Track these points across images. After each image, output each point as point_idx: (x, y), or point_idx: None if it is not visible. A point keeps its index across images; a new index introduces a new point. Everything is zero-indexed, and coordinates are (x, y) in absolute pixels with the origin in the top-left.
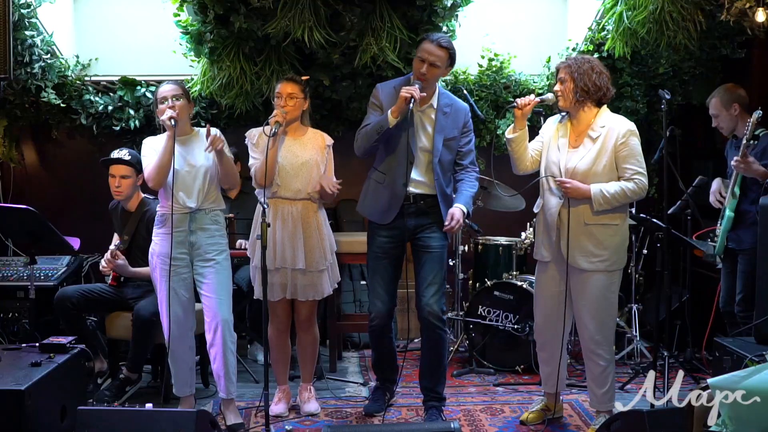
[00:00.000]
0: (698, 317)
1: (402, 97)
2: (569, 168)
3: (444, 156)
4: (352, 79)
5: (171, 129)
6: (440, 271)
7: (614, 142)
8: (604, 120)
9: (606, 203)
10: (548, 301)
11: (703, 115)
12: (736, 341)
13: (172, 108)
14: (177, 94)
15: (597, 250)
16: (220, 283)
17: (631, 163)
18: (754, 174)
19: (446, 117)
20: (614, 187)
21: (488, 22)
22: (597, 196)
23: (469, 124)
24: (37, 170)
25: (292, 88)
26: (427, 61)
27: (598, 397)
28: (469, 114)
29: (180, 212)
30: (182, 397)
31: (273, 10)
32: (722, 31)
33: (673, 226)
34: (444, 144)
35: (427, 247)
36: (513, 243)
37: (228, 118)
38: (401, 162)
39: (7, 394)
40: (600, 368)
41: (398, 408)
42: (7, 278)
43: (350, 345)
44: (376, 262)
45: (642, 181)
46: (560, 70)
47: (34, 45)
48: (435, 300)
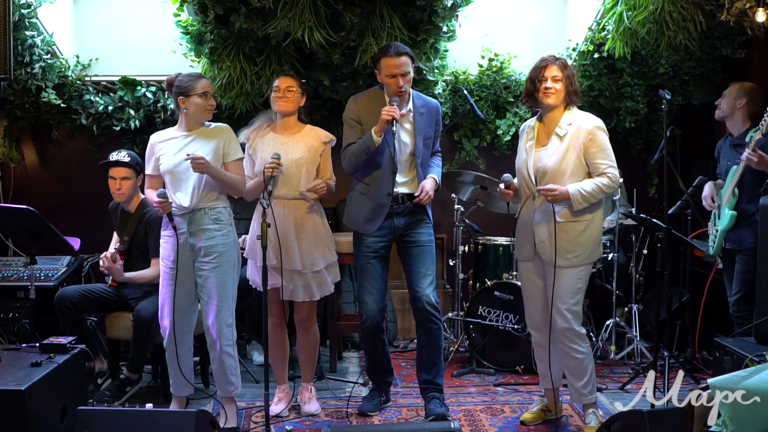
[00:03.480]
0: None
1: (383, 118)
2: (539, 167)
3: (424, 154)
4: (352, 79)
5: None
6: (431, 262)
7: (582, 140)
8: (570, 117)
9: (585, 201)
10: (535, 298)
11: (703, 115)
12: (736, 341)
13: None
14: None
15: (570, 246)
16: (221, 283)
17: (602, 157)
18: (766, 167)
19: (423, 117)
20: (590, 185)
21: (488, 22)
22: (576, 196)
23: (440, 119)
24: (37, 170)
25: (290, 81)
26: (399, 74)
27: (577, 390)
28: (440, 108)
29: (178, 213)
30: (175, 396)
31: (273, 10)
32: (722, 31)
33: (673, 226)
34: (423, 143)
35: (417, 242)
36: (513, 243)
37: (228, 119)
38: (386, 173)
39: (7, 394)
40: (576, 361)
41: (398, 408)
42: (7, 278)
43: (350, 345)
44: (364, 262)
45: (614, 174)
46: (554, 67)
47: (35, 45)
48: (431, 291)
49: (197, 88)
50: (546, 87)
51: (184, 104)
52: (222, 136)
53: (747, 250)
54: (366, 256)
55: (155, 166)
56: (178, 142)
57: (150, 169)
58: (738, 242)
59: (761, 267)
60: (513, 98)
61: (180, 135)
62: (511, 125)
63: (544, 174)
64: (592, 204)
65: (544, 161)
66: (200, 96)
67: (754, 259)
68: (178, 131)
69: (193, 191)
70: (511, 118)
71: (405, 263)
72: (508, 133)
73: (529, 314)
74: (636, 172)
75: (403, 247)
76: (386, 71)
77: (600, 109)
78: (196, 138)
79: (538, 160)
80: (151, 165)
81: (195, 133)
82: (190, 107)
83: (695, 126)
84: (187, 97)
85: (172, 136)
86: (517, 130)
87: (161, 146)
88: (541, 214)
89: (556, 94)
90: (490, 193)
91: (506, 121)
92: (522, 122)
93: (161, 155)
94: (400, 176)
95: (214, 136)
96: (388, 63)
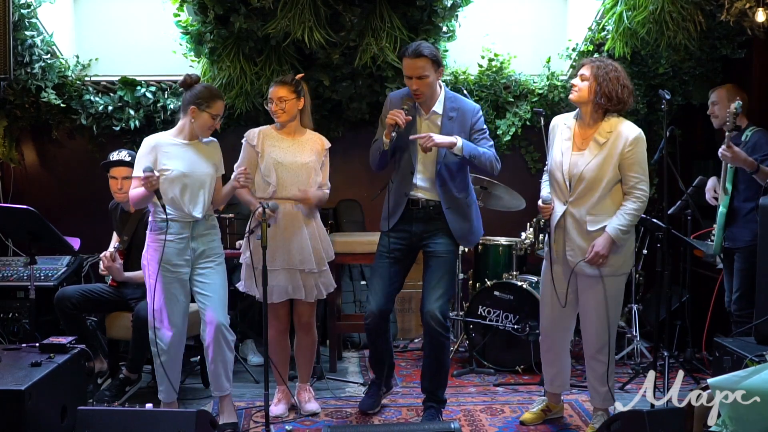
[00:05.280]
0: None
1: (387, 123)
2: (574, 173)
3: (450, 160)
4: (352, 79)
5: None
6: (444, 275)
7: (621, 149)
8: (612, 125)
9: (625, 234)
10: (556, 302)
11: (703, 115)
12: (736, 341)
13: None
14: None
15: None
16: (218, 284)
17: (636, 171)
18: (741, 163)
19: (452, 122)
20: (624, 219)
21: (488, 22)
22: (618, 236)
23: (479, 124)
24: (37, 170)
25: (282, 92)
26: (414, 76)
27: (601, 395)
28: (479, 113)
29: (183, 220)
30: (166, 403)
31: (273, 10)
32: (722, 31)
33: (673, 226)
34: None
35: (433, 252)
36: (513, 243)
37: (228, 118)
38: (404, 172)
39: (7, 394)
40: (604, 368)
41: (398, 408)
42: (7, 278)
43: (350, 345)
44: (378, 261)
45: (644, 192)
46: (585, 66)
47: (34, 45)
48: (437, 306)
49: (212, 108)
50: (572, 83)
51: (194, 114)
52: (217, 150)
53: (742, 248)
54: (381, 254)
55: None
56: (182, 150)
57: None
58: (732, 240)
59: (761, 267)
60: (513, 98)
61: (180, 142)
62: (511, 125)
63: (580, 180)
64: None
65: (581, 167)
66: (211, 116)
67: (751, 256)
68: (177, 137)
69: (204, 203)
70: (510, 118)
71: (423, 272)
72: (508, 133)
73: (545, 319)
74: None
75: (424, 256)
76: (405, 71)
77: None
78: (197, 149)
79: (574, 164)
80: (145, 166)
81: (194, 143)
82: (197, 120)
83: (695, 126)
84: (200, 110)
85: (172, 142)
86: (517, 130)
87: (165, 151)
88: (571, 220)
89: (579, 92)
90: (490, 193)
91: (506, 121)
92: (522, 122)
93: (166, 160)
94: (420, 180)
95: (211, 149)
96: (406, 63)
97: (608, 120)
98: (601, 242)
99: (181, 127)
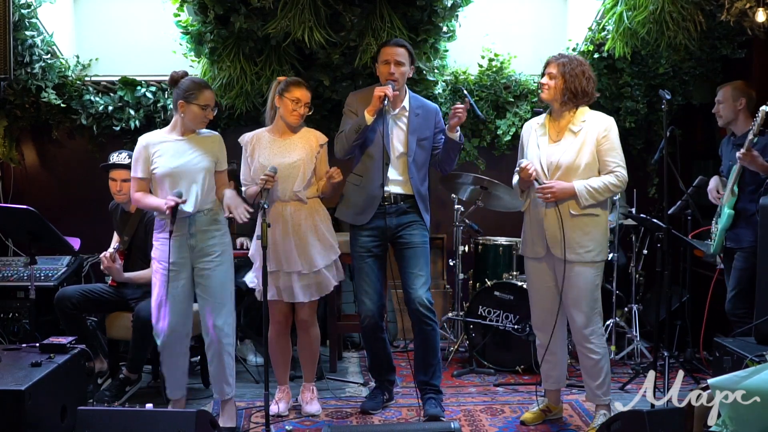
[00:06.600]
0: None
1: (376, 96)
2: (552, 162)
3: (418, 155)
4: (352, 79)
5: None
6: (425, 264)
7: (596, 136)
8: (585, 115)
9: (591, 198)
10: (544, 299)
11: (703, 115)
12: (736, 341)
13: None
14: None
15: (583, 241)
16: (219, 284)
17: (613, 156)
18: (757, 168)
19: (418, 118)
20: (597, 182)
21: (488, 22)
22: (582, 192)
23: (441, 123)
24: (37, 170)
25: (305, 95)
26: (392, 62)
27: (592, 390)
28: (440, 113)
29: (177, 216)
30: (173, 400)
31: (273, 10)
32: (722, 31)
33: (673, 226)
34: (417, 144)
35: (410, 243)
36: (513, 243)
37: (228, 119)
38: (377, 164)
39: (7, 394)
40: (592, 361)
41: (398, 408)
42: (7, 278)
43: (350, 345)
44: (360, 261)
45: (623, 174)
46: (551, 65)
47: (35, 45)
48: (424, 291)
49: (199, 99)
50: (540, 83)
51: (182, 108)
52: (216, 144)
53: (745, 248)
54: (361, 256)
55: (147, 169)
56: (174, 145)
57: (140, 172)
58: (736, 241)
59: (761, 267)
60: (513, 98)
61: (173, 138)
62: (511, 125)
63: (557, 169)
64: (599, 201)
65: (558, 156)
66: (200, 107)
67: (752, 257)
68: (170, 134)
69: (196, 197)
70: (511, 118)
71: (399, 265)
72: (508, 133)
73: (536, 315)
74: (636, 172)
75: (397, 249)
76: (382, 57)
77: (600, 109)
78: (192, 143)
79: (550, 155)
80: (141, 167)
81: (189, 138)
82: (187, 114)
83: (695, 126)
84: (188, 103)
85: (164, 139)
86: (518, 130)
87: (156, 148)
88: (551, 211)
89: (549, 90)
90: (490, 193)
91: (506, 121)
92: (522, 122)
93: (157, 158)
94: (394, 173)
95: (208, 143)
96: (385, 50)
97: (581, 110)
98: (562, 184)
99: (174, 123)
